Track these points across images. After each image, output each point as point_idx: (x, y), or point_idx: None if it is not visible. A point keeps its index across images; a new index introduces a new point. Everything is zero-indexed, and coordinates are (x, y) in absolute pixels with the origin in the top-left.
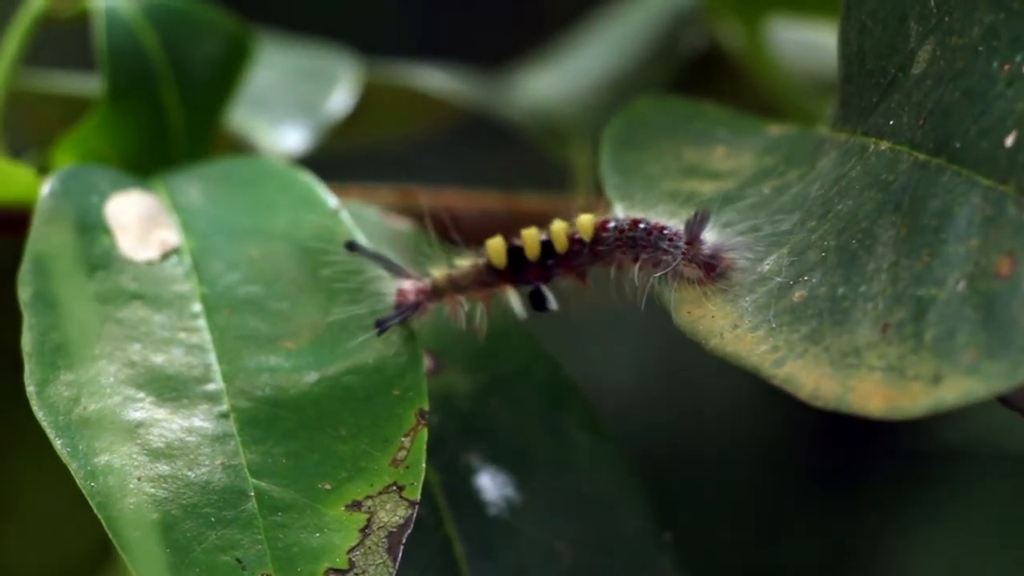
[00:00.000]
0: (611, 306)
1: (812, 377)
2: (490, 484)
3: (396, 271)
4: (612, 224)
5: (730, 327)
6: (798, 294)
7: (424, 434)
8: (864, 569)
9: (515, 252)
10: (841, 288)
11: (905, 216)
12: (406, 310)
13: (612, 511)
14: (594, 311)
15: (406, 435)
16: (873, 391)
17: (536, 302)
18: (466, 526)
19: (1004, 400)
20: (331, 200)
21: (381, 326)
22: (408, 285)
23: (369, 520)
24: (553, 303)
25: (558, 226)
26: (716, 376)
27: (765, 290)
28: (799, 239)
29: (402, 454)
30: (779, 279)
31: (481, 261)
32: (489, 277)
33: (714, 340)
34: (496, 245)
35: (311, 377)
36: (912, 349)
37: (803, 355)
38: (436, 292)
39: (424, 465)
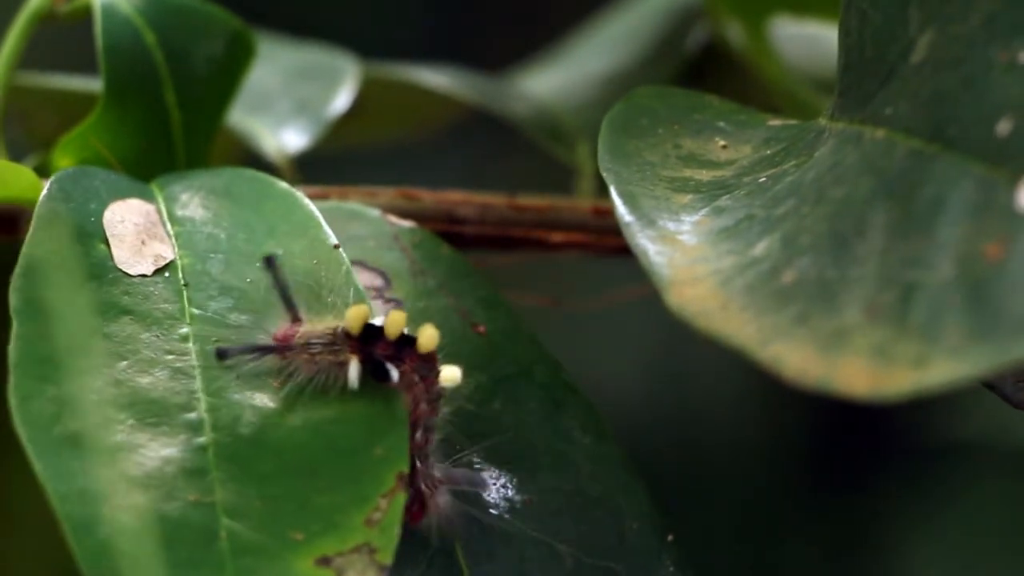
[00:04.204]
0: (612, 305)
1: (798, 358)
2: (492, 485)
3: (289, 309)
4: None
5: (719, 308)
6: (788, 277)
7: (402, 499)
8: (868, 567)
9: (372, 328)
10: (831, 271)
11: (898, 202)
12: (252, 349)
13: (615, 512)
14: (595, 311)
15: (384, 496)
16: (857, 373)
17: (378, 374)
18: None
19: (991, 387)
20: (331, 235)
21: (221, 355)
22: (283, 329)
23: None
24: (395, 376)
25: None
26: (718, 376)
27: (755, 273)
28: (792, 224)
29: (377, 515)
30: (770, 262)
31: (339, 325)
32: (341, 343)
33: (703, 320)
34: (357, 313)
35: (296, 420)
36: (898, 332)
37: (790, 336)
38: (291, 346)
39: (398, 531)
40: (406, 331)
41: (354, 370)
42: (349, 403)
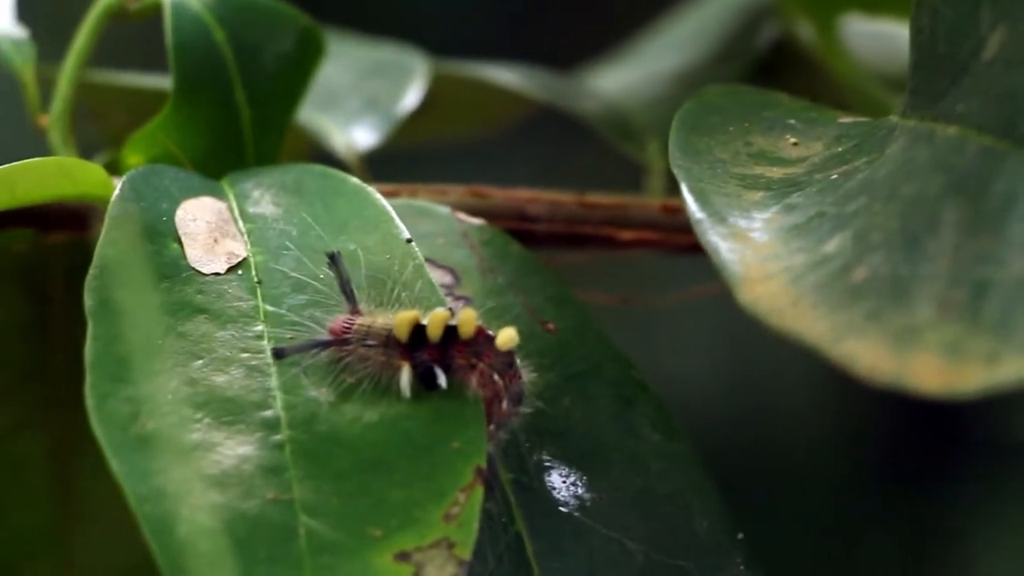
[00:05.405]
0: (682, 303)
1: (870, 355)
2: (562, 483)
3: (350, 302)
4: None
5: (791, 305)
6: (859, 274)
7: (480, 493)
8: (944, 565)
9: (418, 329)
10: (902, 268)
11: (970, 199)
12: (310, 346)
13: (685, 510)
14: (665, 308)
15: (462, 490)
16: (929, 369)
17: (426, 380)
18: (537, 524)
19: None
20: (403, 230)
21: (279, 354)
22: (340, 321)
23: (417, 574)
24: (443, 381)
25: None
26: (789, 373)
27: (827, 270)
28: (863, 221)
29: (456, 509)
30: (841, 259)
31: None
32: (392, 346)
33: (775, 318)
34: (404, 319)
35: (371, 417)
36: (970, 328)
37: (862, 333)
38: (347, 340)
39: (477, 525)
40: (453, 323)
41: (405, 378)
42: (424, 398)
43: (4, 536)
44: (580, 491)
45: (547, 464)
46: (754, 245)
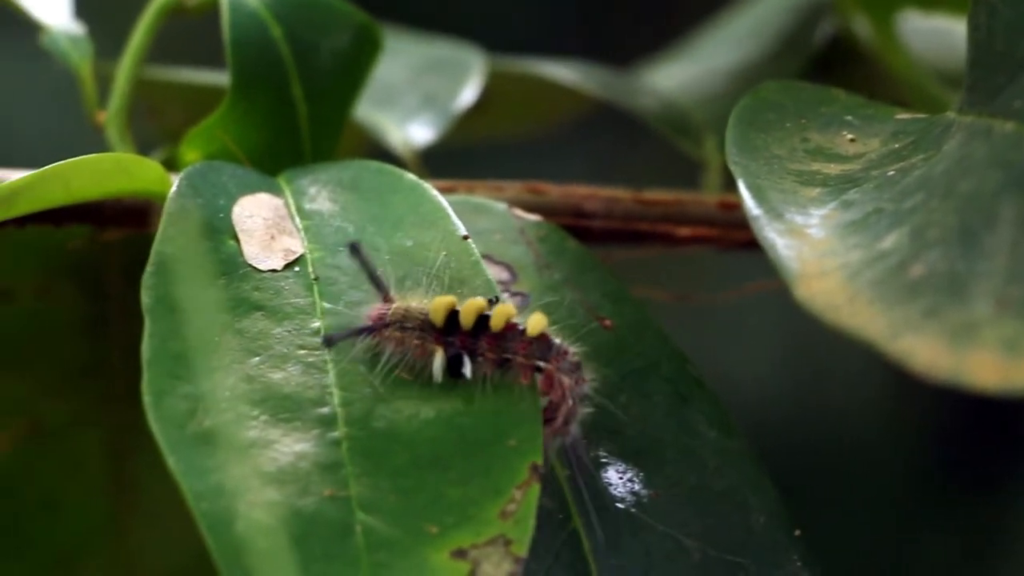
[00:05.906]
0: (738, 300)
1: (927, 351)
2: (618, 479)
3: (380, 290)
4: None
5: (848, 301)
6: (917, 270)
7: (536, 490)
8: (1001, 567)
9: (453, 315)
10: (959, 264)
11: None
12: (356, 332)
13: (741, 507)
14: (722, 305)
15: (518, 488)
16: (987, 365)
17: (453, 367)
18: (594, 520)
19: None
20: (460, 226)
21: (329, 342)
22: (377, 308)
23: (473, 571)
24: (468, 370)
25: (503, 309)
26: (846, 370)
27: (884, 266)
28: (920, 218)
29: (512, 507)
30: (898, 256)
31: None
32: (425, 331)
33: (831, 314)
34: (439, 304)
35: (428, 414)
36: None
37: (919, 330)
38: (386, 324)
39: (533, 523)
40: (488, 313)
41: (438, 362)
42: (481, 395)
43: (61, 531)
44: (636, 487)
45: (604, 460)
46: (811, 241)
